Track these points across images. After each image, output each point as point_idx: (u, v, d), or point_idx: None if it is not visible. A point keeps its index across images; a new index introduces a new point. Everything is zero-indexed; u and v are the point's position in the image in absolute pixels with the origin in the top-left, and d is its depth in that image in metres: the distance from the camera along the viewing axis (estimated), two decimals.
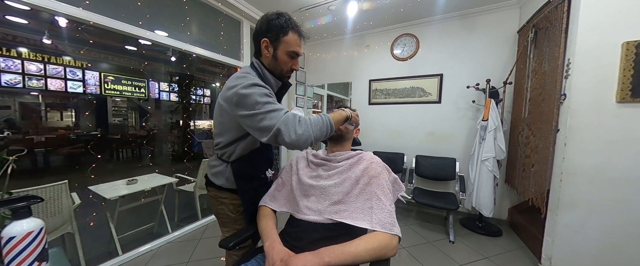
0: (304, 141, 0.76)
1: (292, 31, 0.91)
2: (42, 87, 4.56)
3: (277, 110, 0.78)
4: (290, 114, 0.78)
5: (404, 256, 1.96)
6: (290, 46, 0.92)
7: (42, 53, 4.48)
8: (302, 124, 0.76)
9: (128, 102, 6.30)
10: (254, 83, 0.82)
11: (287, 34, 0.91)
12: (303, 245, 0.86)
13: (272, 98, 0.82)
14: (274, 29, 0.90)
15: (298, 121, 0.77)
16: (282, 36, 0.90)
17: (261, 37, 0.92)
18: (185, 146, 5.70)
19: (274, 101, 0.82)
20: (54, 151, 4.57)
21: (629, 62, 1.40)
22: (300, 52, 0.96)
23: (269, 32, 0.91)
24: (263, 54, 0.94)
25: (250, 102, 0.78)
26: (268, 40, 0.91)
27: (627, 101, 1.42)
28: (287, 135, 0.74)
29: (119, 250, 1.85)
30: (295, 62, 0.97)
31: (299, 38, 0.95)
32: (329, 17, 2.90)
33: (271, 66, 0.95)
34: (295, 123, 0.76)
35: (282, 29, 0.90)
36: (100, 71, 5.21)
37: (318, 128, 0.79)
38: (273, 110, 0.78)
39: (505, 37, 2.53)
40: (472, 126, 2.70)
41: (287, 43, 0.91)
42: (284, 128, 0.74)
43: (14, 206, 0.63)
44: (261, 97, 0.79)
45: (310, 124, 0.78)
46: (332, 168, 1.02)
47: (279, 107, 0.80)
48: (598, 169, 1.51)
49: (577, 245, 1.59)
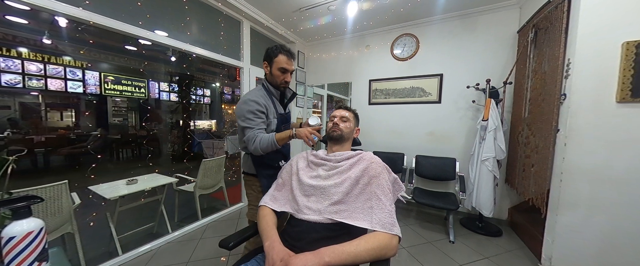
0: (255, 152, 1.18)
1: (281, 54, 1.26)
2: (42, 87, 4.56)
3: (250, 128, 1.18)
4: (251, 134, 1.17)
5: (404, 256, 1.96)
6: (279, 64, 1.27)
7: (42, 53, 4.48)
8: (255, 143, 1.15)
9: (128, 102, 6.30)
10: (250, 98, 1.20)
11: (277, 56, 1.26)
12: (303, 244, 0.86)
13: (256, 115, 1.20)
14: (269, 54, 1.28)
15: (253, 141, 1.16)
16: (274, 58, 1.27)
17: (263, 61, 1.32)
18: (185, 146, 5.71)
19: (255, 118, 1.19)
20: (54, 151, 4.57)
21: (629, 62, 1.40)
22: (289, 68, 1.29)
23: (267, 57, 1.30)
24: (265, 73, 1.34)
25: (240, 112, 1.21)
26: (266, 63, 1.30)
27: (627, 101, 1.42)
28: (249, 148, 1.19)
29: (119, 250, 1.85)
30: (287, 76, 1.31)
31: (287, 58, 1.28)
32: (329, 17, 2.90)
33: (271, 80, 1.32)
34: (252, 142, 1.16)
35: (274, 53, 1.27)
36: (100, 71, 5.21)
37: (265, 145, 1.15)
38: (248, 127, 1.19)
39: (505, 37, 2.53)
40: (472, 126, 2.70)
41: (278, 62, 1.27)
42: (248, 143, 1.18)
43: (14, 206, 0.63)
44: (248, 114, 1.19)
45: (260, 142, 1.15)
46: (332, 168, 1.02)
47: (251, 126, 1.18)
48: (598, 169, 1.51)
49: (577, 245, 1.59)
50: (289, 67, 1.28)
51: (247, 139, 1.17)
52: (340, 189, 0.93)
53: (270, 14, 2.89)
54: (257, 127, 1.18)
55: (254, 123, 1.18)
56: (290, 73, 1.31)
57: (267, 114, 1.24)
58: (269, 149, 1.16)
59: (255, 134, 1.16)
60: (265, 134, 1.17)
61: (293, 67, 1.31)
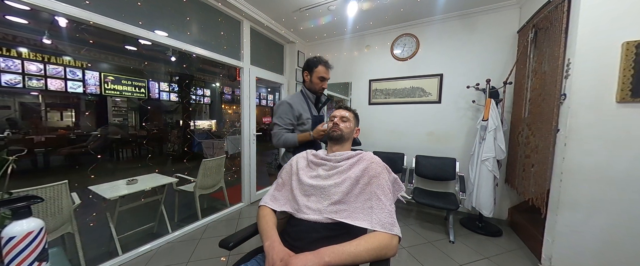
0: (277, 145, 1.49)
1: (320, 65, 1.51)
2: (42, 87, 4.56)
3: (278, 125, 1.47)
4: (278, 130, 1.46)
5: (404, 256, 1.96)
6: (319, 73, 1.52)
7: (42, 53, 4.48)
8: (279, 139, 1.46)
9: (128, 102, 6.30)
10: (287, 101, 1.49)
11: (317, 67, 1.51)
12: (303, 244, 0.86)
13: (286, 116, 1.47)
14: (310, 65, 1.53)
15: (278, 138, 1.46)
16: (315, 68, 1.52)
17: (304, 71, 1.57)
18: (185, 146, 5.70)
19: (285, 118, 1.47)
20: (54, 151, 4.57)
21: (629, 62, 1.40)
22: (327, 77, 1.55)
23: (307, 68, 1.54)
24: (305, 80, 1.58)
25: (276, 110, 1.51)
26: (307, 72, 1.55)
27: (627, 101, 1.42)
28: (273, 140, 1.48)
29: (119, 250, 1.85)
30: (324, 83, 1.56)
31: (326, 68, 1.53)
32: (329, 17, 2.90)
33: (310, 86, 1.57)
34: (276, 138, 1.47)
35: (314, 64, 1.51)
36: (100, 71, 5.21)
37: (288, 143, 1.45)
38: (277, 124, 1.48)
39: (505, 37, 2.53)
40: (472, 126, 2.70)
41: (318, 72, 1.52)
42: (273, 137, 1.48)
43: (14, 206, 0.63)
44: (282, 113, 1.47)
45: (284, 140, 1.45)
46: (332, 167, 1.02)
47: (280, 124, 1.47)
48: (598, 169, 1.51)
49: (577, 244, 1.59)
50: (326, 76, 1.54)
51: (274, 134, 1.46)
52: (340, 189, 0.93)
53: (270, 14, 2.89)
54: (284, 127, 1.46)
55: (283, 122, 1.46)
56: (327, 81, 1.56)
57: (299, 117, 1.49)
58: (289, 146, 1.47)
59: (281, 132, 1.45)
60: (289, 134, 1.46)
61: (329, 76, 1.57)
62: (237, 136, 3.19)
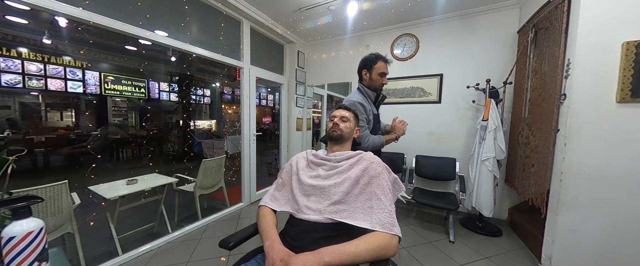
0: (367, 148, 1.36)
1: (380, 60, 1.52)
2: (42, 87, 4.56)
3: (363, 127, 1.40)
4: (365, 133, 1.40)
5: (404, 256, 1.96)
6: (379, 69, 1.52)
7: (42, 53, 4.48)
8: (367, 141, 1.40)
9: (128, 102, 6.30)
10: (356, 101, 1.44)
11: (377, 63, 1.52)
12: (303, 244, 0.86)
13: (364, 116, 1.44)
14: (368, 63, 1.54)
15: (366, 139, 1.39)
16: (374, 65, 1.52)
17: (361, 70, 1.58)
18: (185, 146, 5.71)
19: (364, 122, 1.43)
20: (54, 151, 4.57)
21: (629, 62, 1.40)
22: (386, 71, 1.55)
23: (365, 66, 1.55)
24: (364, 79, 1.57)
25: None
26: (366, 70, 1.55)
27: (627, 101, 1.42)
28: (363, 143, 1.37)
29: (119, 250, 1.85)
30: (384, 79, 1.55)
31: (385, 63, 1.54)
32: (329, 17, 2.90)
33: (369, 84, 1.56)
34: (365, 140, 1.39)
35: (374, 61, 1.52)
36: (100, 71, 5.21)
37: (376, 144, 1.44)
38: (362, 126, 1.38)
39: (505, 37, 2.53)
40: (472, 126, 2.70)
41: (378, 68, 1.52)
42: (362, 142, 1.36)
43: (14, 206, 0.63)
44: (361, 114, 1.40)
45: (372, 141, 1.42)
46: (332, 167, 1.02)
47: (364, 127, 1.41)
48: (598, 169, 1.51)
49: (577, 245, 1.58)
50: (386, 71, 1.54)
51: (362, 137, 1.38)
52: (340, 189, 0.93)
53: (270, 14, 2.89)
54: (365, 127, 1.44)
55: (364, 124, 1.44)
56: (386, 76, 1.56)
57: (367, 115, 1.48)
58: (377, 148, 1.47)
59: (367, 133, 1.43)
60: (375, 136, 1.46)
61: (389, 71, 1.57)
62: (237, 136, 3.19)
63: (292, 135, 3.80)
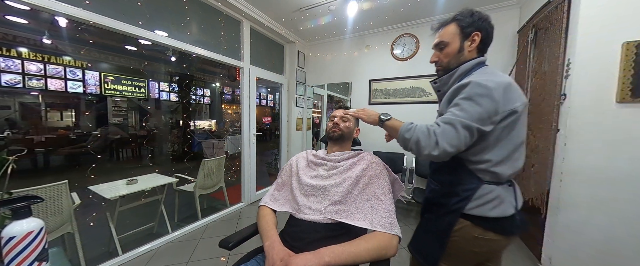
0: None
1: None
2: (42, 87, 4.56)
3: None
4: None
5: (404, 256, 1.96)
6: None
7: (42, 53, 4.48)
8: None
9: (128, 102, 6.30)
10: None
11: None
12: (303, 244, 0.86)
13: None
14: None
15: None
16: None
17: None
18: (185, 146, 5.71)
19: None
20: (54, 151, 4.57)
21: (629, 62, 1.40)
22: (439, 40, 0.93)
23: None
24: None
25: None
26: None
27: (627, 101, 1.42)
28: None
29: (119, 250, 1.85)
30: (433, 55, 0.95)
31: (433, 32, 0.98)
32: (329, 17, 2.90)
33: None
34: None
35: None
36: (100, 71, 5.21)
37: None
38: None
39: (505, 37, 2.53)
40: None
41: None
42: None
43: (14, 206, 0.63)
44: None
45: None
46: (332, 167, 1.02)
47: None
48: (598, 169, 1.51)
49: (577, 245, 1.58)
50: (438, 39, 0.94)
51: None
52: (340, 189, 0.93)
53: (270, 14, 2.89)
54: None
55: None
56: (435, 49, 0.94)
57: None
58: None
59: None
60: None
61: (435, 41, 0.95)
62: (237, 136, 3.19)
63: (292, 135, 3.80)
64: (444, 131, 0.73)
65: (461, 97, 0.76)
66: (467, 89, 0.76)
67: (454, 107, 0.77)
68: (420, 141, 0.76)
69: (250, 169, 3.04)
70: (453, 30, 0.90)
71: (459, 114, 0.74)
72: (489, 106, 0.73)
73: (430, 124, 0.78)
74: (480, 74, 0.80)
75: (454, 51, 0.89)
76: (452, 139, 0.72)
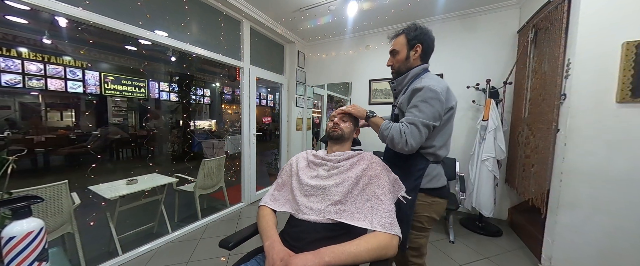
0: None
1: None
2: (42, 87, 4.56)
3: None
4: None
5: None
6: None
7: (42, 53, 4.48)
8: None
9: (128, 102, 6.30)
10: None
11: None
12: (303, 244, 0.86)
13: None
14: None
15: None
16: None
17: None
18: (185, 146, 5.71)
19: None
20: (54, 151, 4.57)
21: (629, 62, 1.40)
22: (395, 48, 1.16)
23: None
24: None
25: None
26: None
27: (627, 101, 1.42)
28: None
29: (119, 250, 1.85)
30: (389, 59, 1.20)
31: (393, 39, 1.19)
32: (329, 17, 2.90)
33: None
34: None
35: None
36: (100, 71, 5.21)
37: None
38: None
39: (505, 37, 2.53)
40: (472, 126, 2.70)
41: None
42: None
43: (14, 206, 0.63)
44: None
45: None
46: (332, 168, 1.02)
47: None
48: (598, 169, 1.51)
49: (577, 245, 1.58)
50: (394, 48, 1.16)
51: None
52: (340, 189, 0.93)
53: (270, 14, 2.89)
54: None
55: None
56: (390, 55, 1.18)
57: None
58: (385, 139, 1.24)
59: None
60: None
61: (390, 48, 1.19)
62: (237, 136, 3.19)
63: (292, 135, 3.80)
64: (411, 131, 0.94)
65: (418, 100, 0.97)
66: (422, 93, 0.97)
67: (413, 109, 0.98)
68: (394, 139, 0.96)
69: (250, 169, 3.04)
70: (402, 41, 1.13)
71: (419, 115, 0.95)
72: (438, 106, 0.96)
73: (401, 124, 0.97)
74: (428, 79, 1.02)
75: (403, 58, 1.13)
76: (416, 137, 0.94)
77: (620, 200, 1.46)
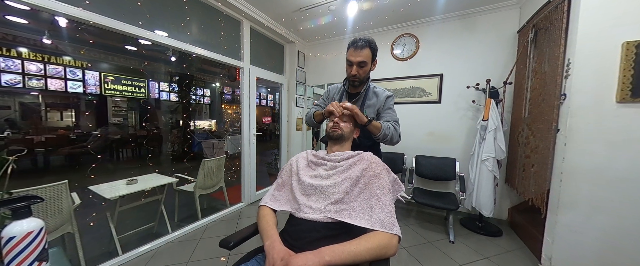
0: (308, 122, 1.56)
1: (349, 47, 1.33)
2: (42, 87, 4.56)
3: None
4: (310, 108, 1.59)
5: (404, 256, 1.96)
6: (347, 57, 1.33)
7: (42, 53, 4.48)
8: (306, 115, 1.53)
9: (128, 102, 6.30)
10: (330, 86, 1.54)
11: (347, 51, 1.34)
12: (303, 244, 0.86)
13: (319, 102, 1.57)
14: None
15: (307, 113, 1.51)
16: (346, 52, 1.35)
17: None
18: (185, 146, 5.71)
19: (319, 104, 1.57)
20: (54, 151, 4.57)
21: (629, 62, 1.40)
22: (353, 60, 1.30)
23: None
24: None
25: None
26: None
27: (627, 101, 1.42)
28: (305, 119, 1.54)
29: (119, 250, 1.85)
30: (352, 68, 1.31)
31: (353, 49, 1.31)
32: (329, 17, 2.90)
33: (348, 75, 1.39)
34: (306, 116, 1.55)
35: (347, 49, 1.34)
36: (100, 71, 5.21)
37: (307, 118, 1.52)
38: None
39: (505, 37, 2.53)
40: (472, 126, 2.70)
41: (347, 56, 1.33)
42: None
43: (14, 206, 0.63)
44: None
45: (306, 115, 1.51)
46: (332, 167, 1.02)
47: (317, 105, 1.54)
48: (598, 169, 1.51)
49: (577, 245, 1.58)
50: (353, 59, 1.29)
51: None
52: (340, 188, 0.93)
53: (270, 14, 2.89)
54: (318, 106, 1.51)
55: (320, 103, 1.53)
56: (357, 66, 1.29)
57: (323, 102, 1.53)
58: (310, 122, 1.48)
59: (312, 109, 1.47)
60: (311, 110, 1.47)
61: (359, 58, 1.28)
62: (237, 136, 3.19)
63: (292, 135, 3.80)
64: (398, 129, 1.30)
65: (392, 103, 1.39)
66: (391, 100, 1.39)
67: (390, 110, 1.36)
68: (393, 137, 1.26)
69: (250, 169, 3.04)
70: (368, 54, 1.30)
71: (396, 117, 1.35)
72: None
73: (393, 124, 1.28)
74: (381, 88, 1.44)
75: (368, 70, 1.34)
76: (400, 132, 1.31)
77: (620, 200, 1.46)
